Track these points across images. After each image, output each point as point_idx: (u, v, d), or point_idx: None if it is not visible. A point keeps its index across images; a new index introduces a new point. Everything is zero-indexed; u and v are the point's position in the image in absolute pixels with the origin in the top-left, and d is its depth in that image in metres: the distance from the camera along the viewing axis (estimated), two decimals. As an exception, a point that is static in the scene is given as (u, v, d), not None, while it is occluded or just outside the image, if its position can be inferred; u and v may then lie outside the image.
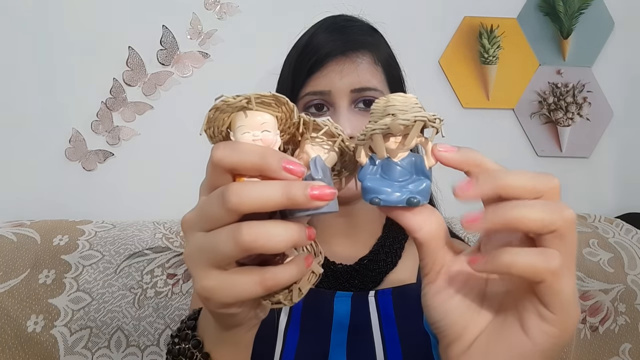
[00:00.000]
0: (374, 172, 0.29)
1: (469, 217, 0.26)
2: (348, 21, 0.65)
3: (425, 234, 0.29)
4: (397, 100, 0.28)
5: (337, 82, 0.59)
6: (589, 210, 1.10)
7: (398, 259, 0.66)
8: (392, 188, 0.28)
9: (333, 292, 0.63)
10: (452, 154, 0.28)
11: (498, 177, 0.26)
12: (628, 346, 0.89)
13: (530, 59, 1.14)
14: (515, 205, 0.26)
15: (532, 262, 0.25)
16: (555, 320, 0.26)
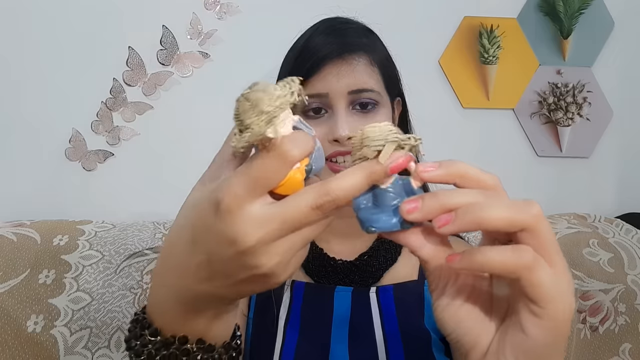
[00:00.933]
0: (367, 201, 0.31)
1: (441, 220, 0.28)
2: (344, 23, 0.65)
3: (426, 253, 0.30)
4: (370, 131, 0.30)
5: (334, 85, 0.59)
6: (589, 210, 1.10)
7: (398, 255, 0.66)
8: (385, 214, 0.30)
9: (333, 287, 0.63)
10: (435, 172, 0.29)
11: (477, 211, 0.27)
12: (628, 346, 0.89)
13: (530, 59, 1.14)
14: (483, 206, 0.27)
15: (504, 259, 0.26)
16: (545, 313, 0.27)
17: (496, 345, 0.30)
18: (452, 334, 0.31)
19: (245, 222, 0.27)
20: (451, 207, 0.28)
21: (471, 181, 0.29)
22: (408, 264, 0.66)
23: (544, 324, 0.27)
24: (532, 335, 0.27)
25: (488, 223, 0.27)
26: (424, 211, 0.28)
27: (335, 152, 0.59)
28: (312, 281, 0.65)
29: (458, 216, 0.27)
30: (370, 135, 0.29)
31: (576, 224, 1.01)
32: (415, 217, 0.29)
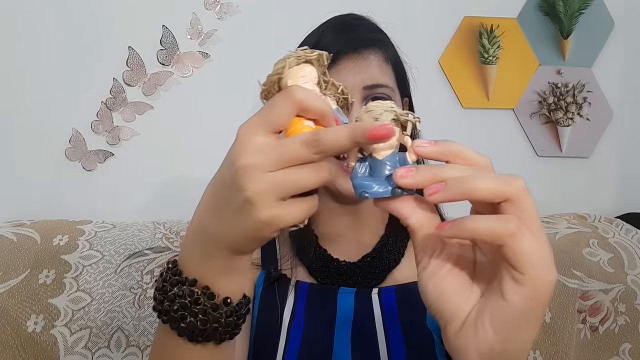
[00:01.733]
0: (364, 171, 0.33)
1: (432, 189, 0.30)
2: (357, 19, 0.65)
3: (415, 221, 0.32)
4: (372, 105, 0.33)
5: (350, 79, 0.59)
6: (589, 210, 1.10)
7: (401, 256, 0.66)
8: (379, 183, 0.32)
9: (337, 288, 0.64)
10: (430, 148, 0.31)
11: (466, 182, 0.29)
12: (628, 346, 0.89)
13: (530, 59, 1.14)
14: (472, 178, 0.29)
15: (491, 226, 0.28)
16: (526, 279, 0.28)
17: (475, 314, 0.31)
18: (433, 304, 0.32)
19: (246, 147, 0.31)
20: (442, 178, 0.30)
21: (464, 160, 0.31)
22: (411, 265, 0.66)
23: (524, 291, 0.28)
24: (512, 301, 0.28)
25: (475, 193, 0.28)
26: (417, 177, 0.30)
27: None
28: (316, 282, 0.65)
29: (448, 186, 0.29)
30: (372, 108, 0.32)
31: (576, 224, 1.01)
32: (407, 182, 0.30)
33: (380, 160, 0.32)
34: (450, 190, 0.29)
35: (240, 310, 0.38)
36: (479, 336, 0.30)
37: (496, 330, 0.29)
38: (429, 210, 0.32)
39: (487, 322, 0.30)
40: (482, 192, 0.28)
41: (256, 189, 0.30)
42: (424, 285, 0.33)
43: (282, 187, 0.31)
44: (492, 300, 0.30)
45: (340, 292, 0.63)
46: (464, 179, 0.29)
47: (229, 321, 0.37)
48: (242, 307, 0.38)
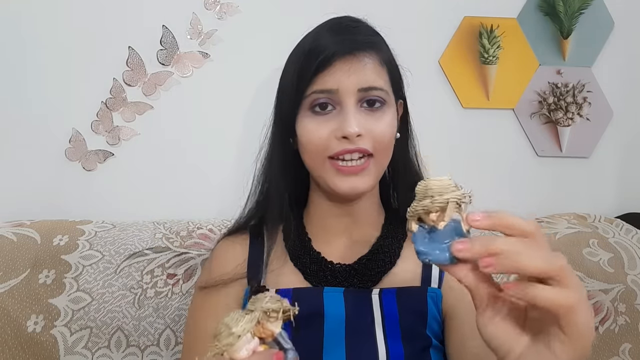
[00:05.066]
0: (424, 237, 0.39)
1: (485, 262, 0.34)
2: (353, 21, 0.65)
3: (469, 282, 0.37)
4: (433, 184, 0.37)
5: (344, 81, 0.59)
6: (589, 210, 1.10)
7: (397, 258, 0.66)
8: (439, 249, 0.37)
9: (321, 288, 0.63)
10: (484, 221, 0.35)
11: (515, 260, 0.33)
12: (628, 346, 0.89)
13: (530, 59, 1.13)
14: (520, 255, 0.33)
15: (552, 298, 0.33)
16: (572, 343, 0.33)
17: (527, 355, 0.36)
18: (490, 343, 0.38)
19: None
20: (494, 252, 0.34)
21: (514, 230, 0.35)
22: (408, 268, 0.66)
23: (570, 350, 0.33)
24: (557, 354, 0.34)
25: (522, 270, 0.33)
26: (472, 252, 0.35)
27: (343, 150, 0.59)
28: (310, 285, 0.65)
29: (499, 260, 0.33)
30: (434, 188, 0.37)
31: (576, 224, 1.01)
32: (464, 256, 0.35)
33: (440, 230, 0.38)
34: (501, 266, 0.33)
35: None
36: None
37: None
38: (482, 275, 0.37)
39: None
40: (530, 270, 0.33)
41: None
42: (484, 328, 0.38)
43: None
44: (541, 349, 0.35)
45: (326, 292, 0.63)
46: (514, 254, 0.33)
47: None
48: None
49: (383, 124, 0.61)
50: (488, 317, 0.38)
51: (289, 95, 0.63)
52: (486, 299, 0.37)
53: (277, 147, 0.69)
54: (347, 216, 0.67)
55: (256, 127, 0.76)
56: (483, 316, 0.38)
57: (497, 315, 0.37)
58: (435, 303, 0.63)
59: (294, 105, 0.62)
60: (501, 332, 0.37)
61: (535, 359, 0.35)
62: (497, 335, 0.37)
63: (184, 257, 0.89)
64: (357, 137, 0.58)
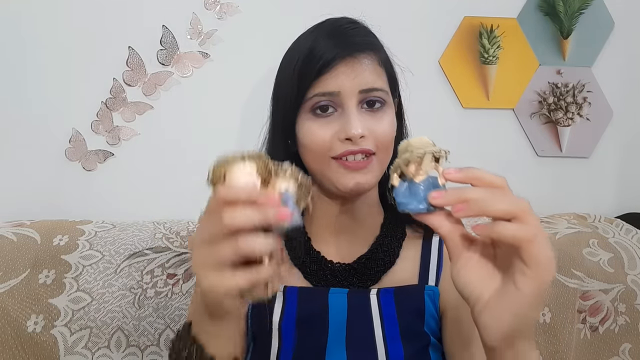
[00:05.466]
0: (404, 190, 0.42)
1: (457, 207, 0.39)
2: (351, 23, 0.65)
3: (444, 229, 0.42)
4: (414, 141, 0.43)
5: (346, 83, 0.59)
6: (589, 210, 1.10)
7: (396, 257, 0.66)
8: (417, 200, 0.42)
9: (327, 289, 0.64)
10: (456, 174, 0.40)
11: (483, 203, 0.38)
12: (628, 346, 0.89)
13: (530, 59, 1.14)
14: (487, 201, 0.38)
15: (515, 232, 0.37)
16: (533, 274, 0.37)
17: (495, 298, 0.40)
18: (463, 289, 0.42)
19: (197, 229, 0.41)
20: (466, 199, 0.38)
21: (484, 182, 0.40)
22: (407, 267, 0.66)
23: (530, 282, 0.38)
24: (521, 288, 0.38)
25: (490, 212, 0.38)
26: (446, 199, 0.40)
27: (346, 152, 0.59)
28: (311, 285, 0.65)
29: (469, 206, 0.38)
30: (414, 144, 0.42)
31: (576, 224, 1.01)
32: (438, 203, 0.40)
33: (418, 183, 0.42)
34: (471, 210, 0.38)
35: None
36: (498, 314, 0.40)
37: (510, 311, 0.39)
38: (455, 222, 0.42)
39: (503, 304, 0.39)
40: (496, 212, 0.38)
41: (195, 261, 0.40)
42: (457, 276, 0.42)
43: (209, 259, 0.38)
44: (508, 288, 0.39)
45: (332, 293, 0.63)
46: (482, 200, 0.38)
47: None
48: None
49: (384, 124, 0.61)
50: (461, 265, 0.42)
51: (289, 98, 0.63)
52: (460, 246, 0.42)
53: (276, 149, 0.69)
54: (346, 216, 0.68)
55: (256, 126, 0.76)
56: (457, 264, 0.42)
57: (469, 262, 0.42)
58: (433, 301, 0.63)
59: (294, 107, 0.62)
60: (473, 277, 0.41)
61: (502, 299, 0.39)
62: (469, 280, 0.41)
63: (184, 257, 0.89)
64: (360, 138, 0.59)
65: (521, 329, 0.40)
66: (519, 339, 0.41)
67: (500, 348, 0.41)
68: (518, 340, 0.41)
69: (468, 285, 0.41)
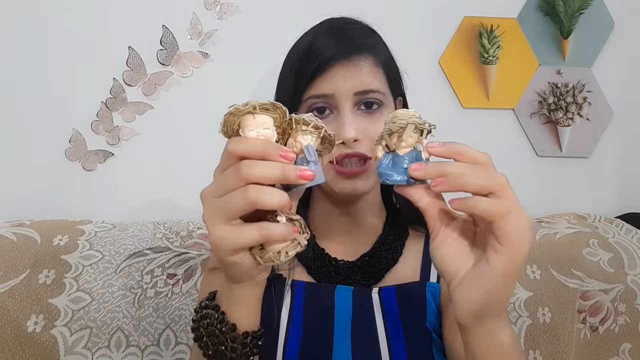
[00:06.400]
0: (387, 162, 0.42)
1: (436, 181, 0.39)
2: (349, 24, 0.65)
3: (424, 203, 0.41)
4: (399, 112, 0.41)
5: (341, 86, 0.59)
6: (589, 210, 1.10)
7: (399, 255, 0.67)
8: (398, 173, 0.41)
9: (333, 286, 0.64)
10: (439, 148, 0.40)
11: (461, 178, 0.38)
12: (628, 346, 0.89)
13: (530, 59, 1.14)
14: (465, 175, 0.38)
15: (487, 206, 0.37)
16: (504, 250, 0.37)
17: (468, 275, 0.40)
18: (440, 266, 0.42)
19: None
20: (445, 173, 0.38)
21: (466, 158, 0.39)
22: (410, 265, 0.67)
23: (502, 258, 0.37)
24: (493, 265, 0.38)
25: (467, 187, 0.38)
26: (426, 171, 0.39)
27: (341, 155, 0.59)
28: (314, 281, 0.65)
29: (448, 180, 0.38)
30: (399, 115, 0.41)
31: (576, 224, 1.01)
32: (418, 175, 0.40)
33: (401, 155, 0.41)
34: (448, 184, 0.38)
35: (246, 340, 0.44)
36: (469, 291, 0.40)
37: (480, 287, 0.39)
38: (435, 196, 0.41)
39: (475, 280, 0.39)
40: (472, 186, 0.37)
41: (206, 213, 0.38)
42: (434, 251, 0.42)
43: (220, 210, 0.37)
44: (481, 264, 0.39)
45: (338, 290, 0.64)
46: (460, 175, 0.38)
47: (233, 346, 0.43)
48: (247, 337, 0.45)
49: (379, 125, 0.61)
50: (439, 240, 0.42)
51: (287, 99, 0.63)
52: (438, 221, 0.42)
53: None
54: (349, 215, 0.68)
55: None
56: (435, 240, 0.42)
57: (447, 238, 0.42)
58: (434, 297, 0.64)
59: (292, 108, 0.62)
60: (451, 253, 0.41)
61: (475, 276, 0.39)
62: (447, 256, 0.41)
63: (184, 257, 0.89)
64: (355, 141, 0.59)
65: (492, 307, 0.40)
66: (490, 316, 0.40)
67: (470, 325, 0.41)
68: (488, 318, 0.40)
69: (445, 261, 0.41)
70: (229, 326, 0.44)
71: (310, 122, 0.40)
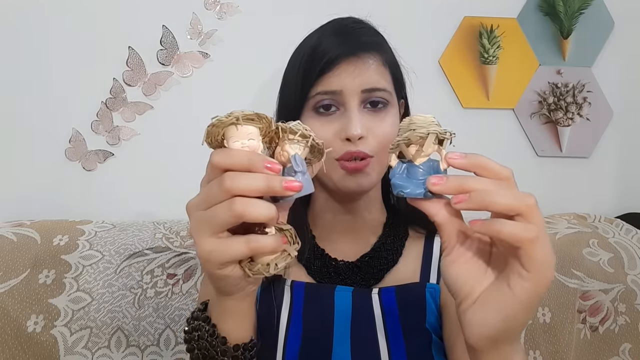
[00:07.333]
0: (402, 172, 0.39)
1: (458, 198, 0.36)
2: (356, 23, 0.65)
3: (441, 218, 0.38)
4: (417, 119, 0.38)
5: (349, 83, 0.59)
6: (589, 210, 1.10)
7: (399, 256, 0.66)
8: (414, 184, 0.38)
9: (333, 287, 0.64)
10: (460, 160, 0.36)
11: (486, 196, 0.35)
12: (628, 346, 0.89)
13: (530, 59, 1.14)
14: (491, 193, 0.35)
15: (514, 231, 0.34)
16: (530, 277, 0.34)
17: (484, 297, 0.37)
18: (452, 285, 0.39)
19: None
20: (468, 189, 0.35)
21: (489, 172, 0.36)
22: (409, 266, 0.66)
23: (527, 285, 0.35)
24: (516, 291, 0.35)
25: (493, 207, 0.34)
26: (446, 186, 0.36)
27: (346, 154, 0.59)
28: (314, 281, 0.65)
29: (471, 197, 0.35)
30: (417, 122, 0.37)
31: (576, 224, 1.01)
32: (438, 190, 0.37)
33: (417, 165, 0.38)
34: (472, 202, 0.35)
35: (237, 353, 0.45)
36: (485, 314, 0.37)
37: (499, 312, 0.36)
38: (454, 212, 0.38)
39: (493, 304, 0.36)
40: (499, 207, 0.34)
41: (192, 226, 0.37)
42: (447, 268, 0.39)
43: (206, 222, 0.36)
44: (500, 288, 0.36)
45: (337, 291, 0.63)
46: (485, 192, 0.35)
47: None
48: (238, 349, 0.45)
49: (386, 125, 0.61)
50: (453, 258, 0.39)
51: (293, 96, 0.63)
52: (455, 238, 0.39)
53: None
54: (350, 215, 0.68)
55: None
56: (449, 257, 0.39)
57: (462, 257, 0.39)
58: (434, 298, 0.64)
59: (298, 105, 0.62)
60: (464, 272, 0.38)
61: (493, 299, 0.36)
62: (460, 275, 0.38)
63: (184, 257, 0.89)
64: (360, 139, 0.59)
65: (508, 332, 0.38)
66: (505, 341, 0.38)
67: (484, 349, 0.38)
68: (504, 344, 0.38)
69: (458, 280, 0.39)
70: (219, 340, 0.44)
71: (298, 130, 0.38)
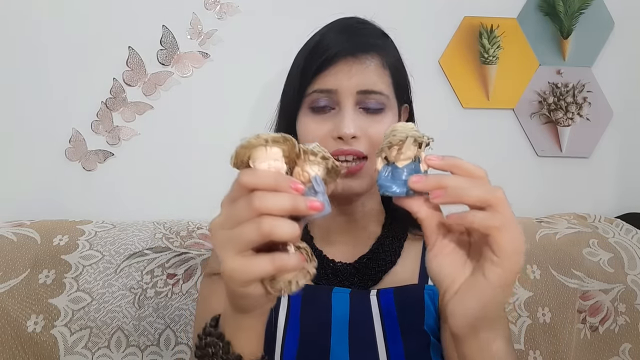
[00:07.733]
0: (387, 174, 0.43)
1: (435, 193, 0.40)
2: (360, 23, 0.65)
3: (422, 214, 0.42)
4: (398, 126, 0.43)
5: (344, 82, 0.59)
6: (589, 210, 1.10)
7: (397, 257, 0.66)
8: (398, 185, 0.42)
9: (330, 288, 0.64)
10: (438, 161, 0.41)
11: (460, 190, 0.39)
12: (628, 346, 0.89)
13: (530, 59, 1.14)
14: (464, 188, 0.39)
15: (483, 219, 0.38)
16: (500, 262, 0.38)
17: (464, 286, 0.41)
18: (436, 276, 0.43)
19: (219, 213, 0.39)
20: (444, 185, 0.40)
21: (463, 171, 0.40)
22: (408, 267, 0.66)
23: (498, 271, 0.38)
24: (489, 277, 0.39)
25: (466, 199, 0.39)
26: (425, 184, 0.41)
27: (337, 151, 0.59)
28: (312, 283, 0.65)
29: (447, 192, 0.39)
30: (398, 128, 0.43)
31: (576, 224, 1.01)
32: (418, 187, 0.41)
33: (400, 167, 0.43)
34: (448, 196, 0.39)
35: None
36: (464, 302, 0.40)
37: (478, 300, 0.40)
38: (434, 208, 0.42)
39: (471, 292, 0.40)
40: (471, 199, 0.39)
41: (217, 245, 0.38)
42: (431, 262, 0.43)
43: (232, 241, 0.36)
44: (476, 277, 0.40)
45: (335, 292, 0.63)
46: (459, 188, 0.39)
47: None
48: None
49: (381, 127, 0.60)
50: (436, 252, 0.43)
51: (292, 93, 0.63)
52: (436, 231, 0.42)
53: None
54: (348, 216, 0.68)
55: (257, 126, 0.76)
56: (432, 251, 0.43)
57: (444, 249, 0.43)
58: (432, 300, 0.63)
59: (296, 103, 0.62)
60: (447, 265, 0.42)
61: (471, 287, 0.40)
62: (443, 267, 0.42)
63: (184, 257, 0.89)
64: (352, 138, 0.59)
65: (486, 318, 0.41)
66: (484, 327, 0.41)
67: (464, 336, 0.42)
68: (483, 329, 0.41)
69: (441, 272, 0.42)
70: (234, 357, 0.44)
71: (318, 152, 0.41)
